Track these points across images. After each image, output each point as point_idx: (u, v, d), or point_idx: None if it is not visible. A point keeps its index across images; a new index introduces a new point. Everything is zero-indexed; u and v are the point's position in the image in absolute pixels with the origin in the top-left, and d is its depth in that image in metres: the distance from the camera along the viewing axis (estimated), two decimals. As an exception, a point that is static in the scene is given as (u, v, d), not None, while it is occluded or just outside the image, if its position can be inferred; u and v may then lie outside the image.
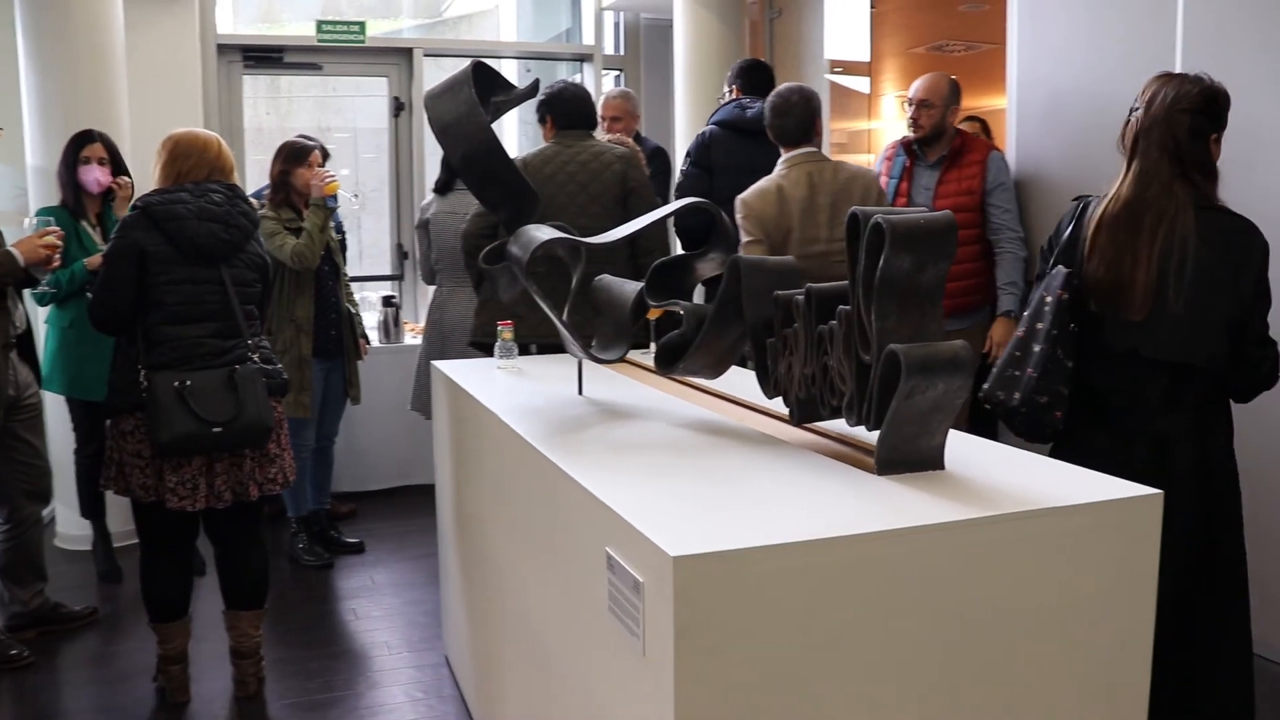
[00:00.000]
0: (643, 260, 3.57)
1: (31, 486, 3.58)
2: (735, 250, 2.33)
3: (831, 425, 2.06)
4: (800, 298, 1.92)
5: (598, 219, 3.50)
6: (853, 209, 1.75)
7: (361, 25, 6.01)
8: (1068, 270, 2.42)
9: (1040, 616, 1.59)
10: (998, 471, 1.78)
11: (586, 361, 2.59)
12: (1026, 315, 2.50)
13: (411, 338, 5.62)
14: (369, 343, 4.77)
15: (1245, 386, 2.45)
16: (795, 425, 2.09)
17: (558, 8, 7.35)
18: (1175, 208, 2.35)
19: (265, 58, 6.07)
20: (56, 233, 3.36)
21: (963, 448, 1.93)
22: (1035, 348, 2.43)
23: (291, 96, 7.04)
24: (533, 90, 2.62)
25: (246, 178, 5.61)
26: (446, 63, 6.40)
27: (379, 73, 6.28)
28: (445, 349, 4.68)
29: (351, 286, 4.72)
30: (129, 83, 4.65)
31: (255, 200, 3.56)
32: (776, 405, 2.14)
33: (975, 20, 6.71)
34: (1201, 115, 2.37)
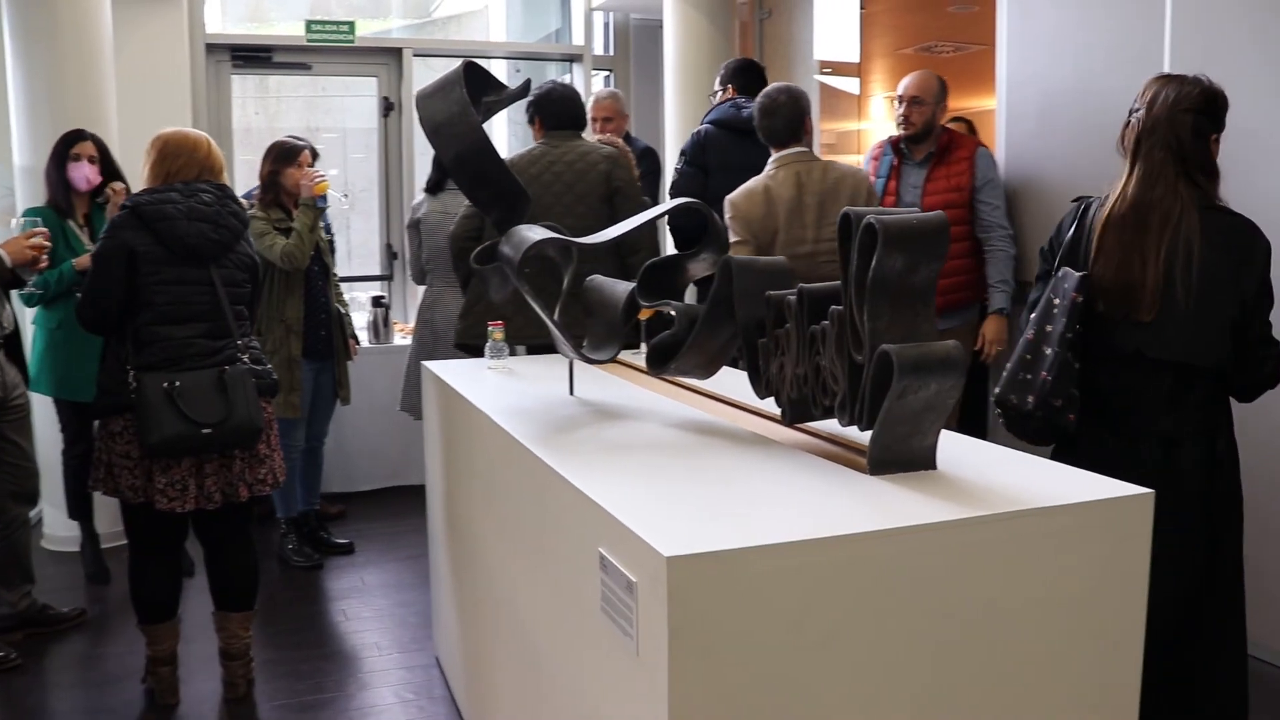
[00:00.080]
0: (629, 260, 3.57)
1: (19, 488, 3.57)
2: (727, 250, 2.33)
3: (823, 425, 2.06)
4: (792, 298, 1.93)
5: (583, 219, 3.50)
6: (845, 209, 1.76)
7: (351, 25, 6.00)
8: (1082, 273, 2.41)
9: (1032, 615, 1.60)
10: (990, 471, 1.79)
11: (577, 362, 2.59)
12: (1034, 318, 2.48)
13: (401, 338, 5.61)
14: (359, 343, 4.76)
15: (1248, 386, 2.46)
16: (787, 425, 2.10)
17: (547, 8, 7.35)
18: (1180, 208, 2.36)
19: (254, 57, 6.05)
20: (43, 233, 3.35)
21: (955, 448, 1.93)
22: (1047, 351, 2.42)
23: (280, 96, 7.03)
24: (524, 90, 2.62)
25: (235, 178, 5.59)
26: (436, 63, 6.39)
27: (368, 73, 6.27)
28: (435, 349, 4.67)
29: (341, 287, 4.71)
30: (117, 82, 4.63)
31: (245, 201, 3.56)
32: (768, 405, 2.14)
33: (964, 21, 6.73)
34: (1203, 115, 2.38)
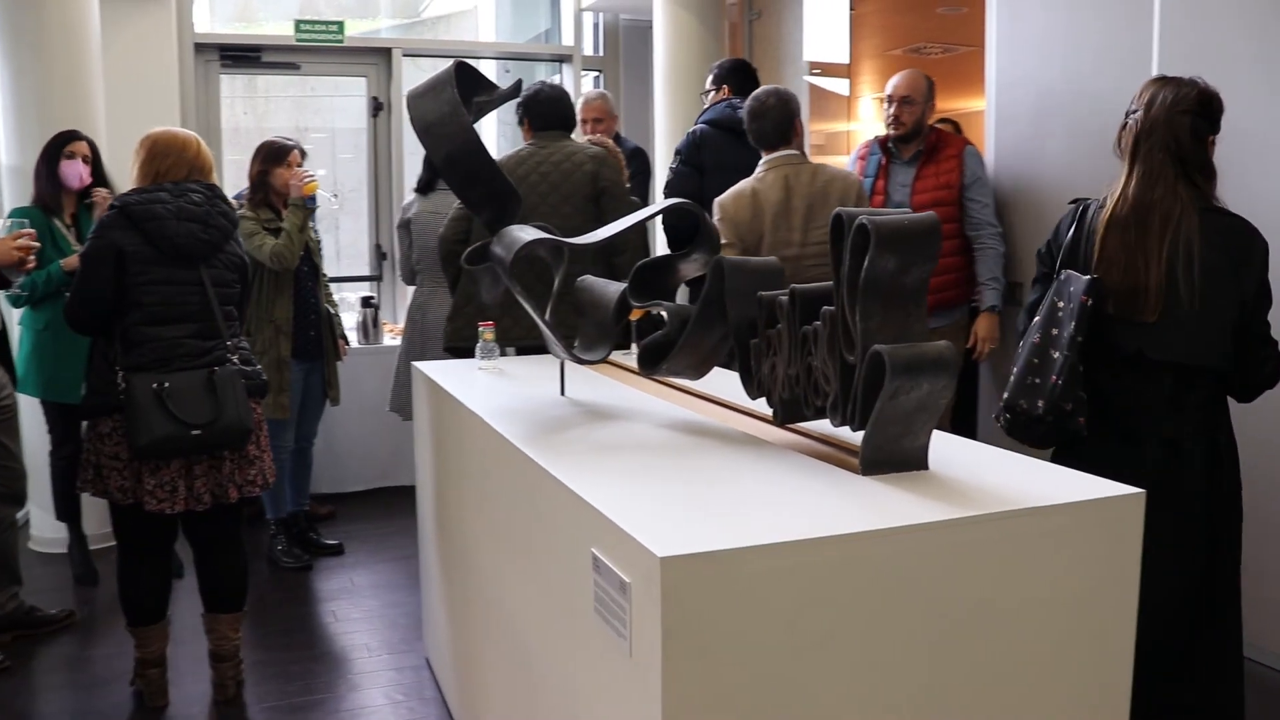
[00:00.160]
0: (615, 260, 3.57)
1: (6, 489, 3.55)
2: (719, 251, 2.33)
3: (814, 426, 2.06)
4: (784, 298, 1.93)
5: (569, 219, 3.50)
6: (837, 210, 1.76)
7: (340, 25, 5.99)
8: (1092, 277, 2.40)
9: (1024, 614, 1.60)
10: (981, 471, 1.79)
11: (568, 362, 2.59)
12: (1038, 321, 2.48)
13: (390, 339, 5.60)
14: (348, 343, 4.75)
15: (1248, 386, 2.47)
16: (778, 426, 2.10)
17: (537, 8, 7.34)
18: (1180, 209, 2.37)
19: (243, 57, 6.03)
20: (30, 234, 3.33)
21: (946, 448, 1.94)
22: (1055, 354, 2.42)
23: (269, 96, 7.01)
24: (515, 91, 2.61)
25: (224, 178, 5.58)
26: (425, 63, 6.38)
27: (358, 73, 6.25)
28: (425, 350, 4.66)
29: (330, 287, 4.69)
30: (105, 82, 4.61)
31: (235, 202, 3.54)
32: (760, 406, 2.15)
33: (953, 23, 6.76)
34: (1199, 117, 2.40)
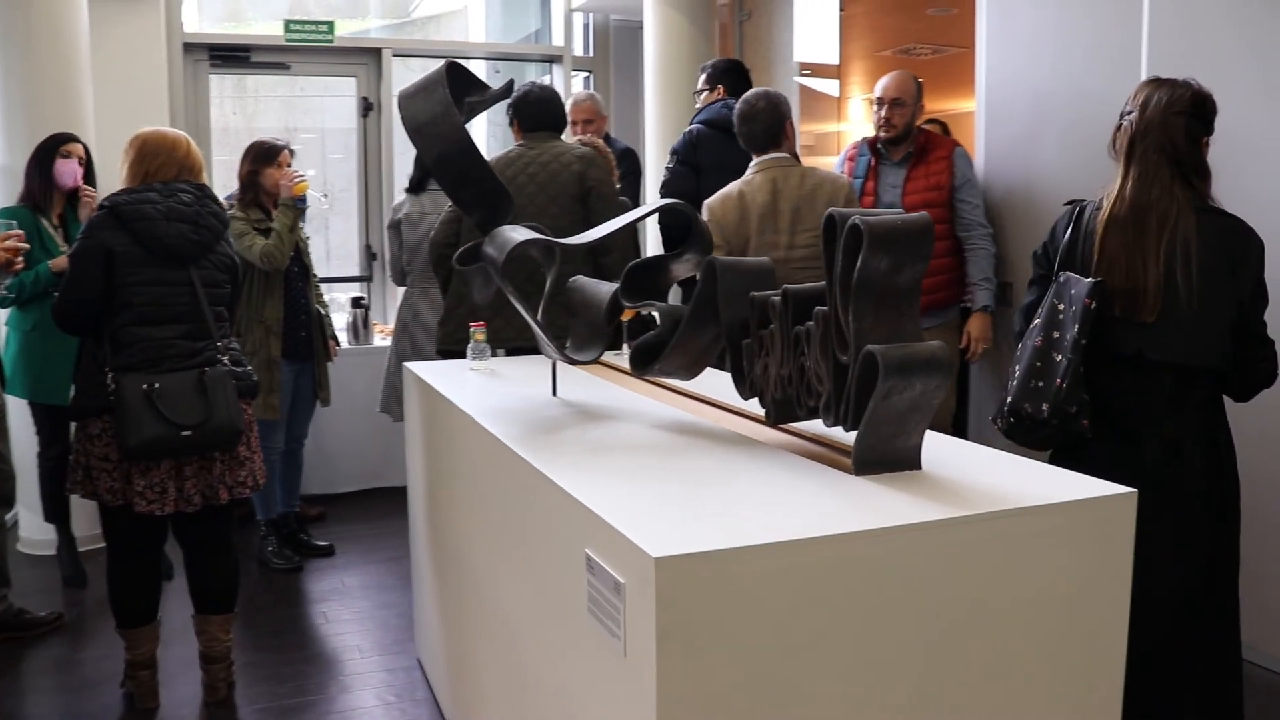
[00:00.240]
0: (603, 260, 3.57)
1: (-6, 490, 3.54)
2: (711, 251, 2.33)
3: (807, 426, 2.06)
4: (776, 299, 1.93)
5: (556, 220, 3.50)
6: (830, 210, 1.76)
7: (330, 25, 5.98)
8: (1095, 279, 2.41)
9: (1017, 614, 1.61)
10: (974, 471, 1.80)
11: (560, 363, 2.59)
12: (1039, 324, 2.49)
13: (381, 339, 5.59)
14: (339, 344, 4.74)
15: (1245, 386, 2.48)
16: (771, 426, 2.10)
17: (527, 8, 7.34)
18: (1177, 210, 2.38)
19: (232, 57, 6.02)
20: (19, 235, 3.32)
21: (939, 448, 1.94)
22: (1058, 357, 2.42)
23: (258, 96, 6.99)
24: (507, 91, 2.61)
25: (213, 178, 5.56)
26: (415, 63, 6.38)
27: (347, 73, 6.24)
28: (416, 350, 4.66)
29: (321, 288, 4.68)
30: (94, 82, 4.59)
31: (226, 202, 3.53)
32: (752, 406, 2.15)
33: (942, 24, 6.77)
34: (1194, 118, 2.41)
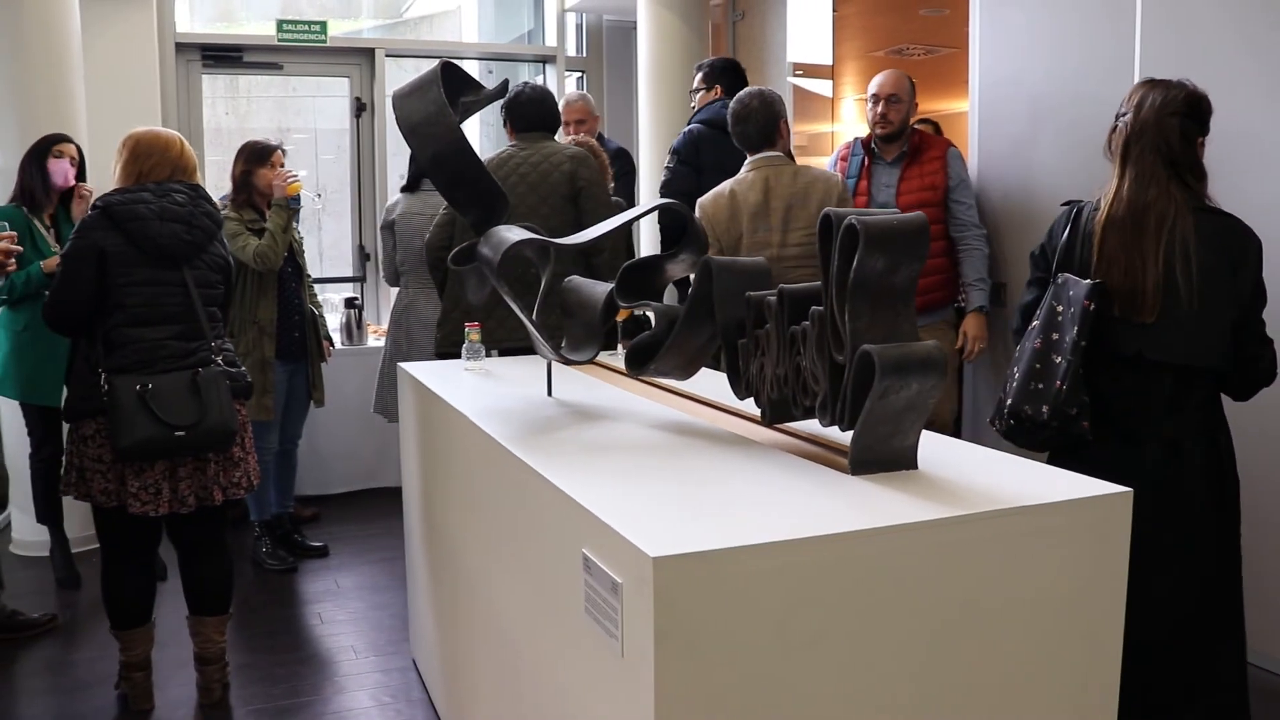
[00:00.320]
0: (594, 260, 3.57)
1: (-13, 492, 3.53)
2: (706, 251, 2.33)
3: (803, 426, 2.07)
4: (772, 299, 1.93)
5: (547, 220, 3.50)
6: (826, 210, 1.76)
7: (323, 25, 5.97)
8: (1095, 281, 2.42)
9: (1014, 613, 1.61)
10: (970, 471, 1.80)
11: (555, 363, 2.59)
12: (1037, 326, 2.49)
13: (374, 340, 5.58)
14: (333, 345, 4.73)
15: (1244, 385, 2.48)
16: (766, 426, 2.10)
17: (520, 9, 7.33)
18: (1175, 210, 2.39)
19: (225, 57, 6.01)
20: (11, 236, 3.31)
21: (935, 447, 1.94)
22: (1058, 359, 2.43)
23: (251, 97, 6.98)
24: (501, 91, 2.61)
25: (206, 178, 5.55)
26: (408, 63, 6.37)
27: (340, 73, 6.23)
28: (410, 351, 4.65)
29: (315, 288, 4.67)
30: (86, 82, 4.58)
31: (220, 202, 3.52)
32: (747, 406, 2.15)
33: (935, 25, 6.79)
34: (1188, 119, 2.42)
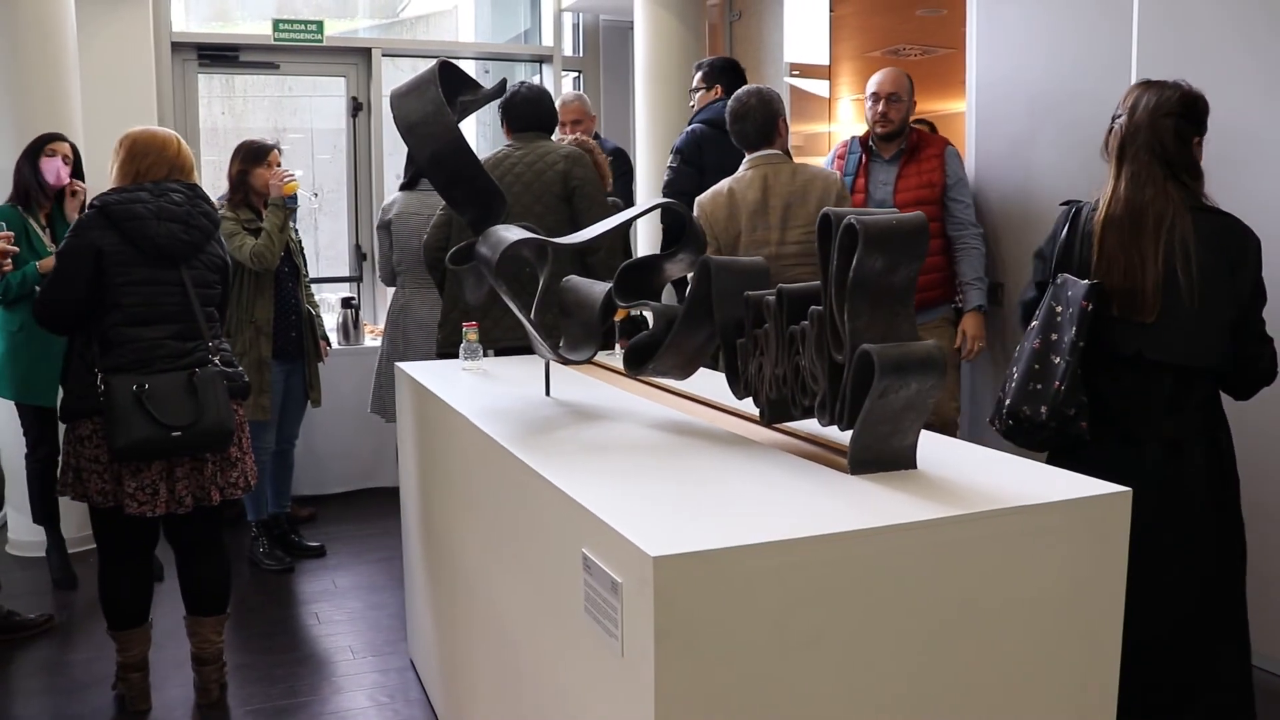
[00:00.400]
0: (589, 259, 3.56)
1: (-17, 492, 3.52)
2: (704, 251, 2.33)
3: (801, 426, 2.07)
4: (771, 298, 1.93)
5: (541, 219, 3.50)
6: (825, 209, 1.76)
7: (319, 25, 5.96)
8: (1093, 281, 2.42)
9: (1013, 613, 1.61)
10: (970, 470, 1.80)
11: (553, 363, 2.58)
12: (1036, 326, 2.49)
13: (371, 339, 5.58)
14: (330, 344, 4.72)
15: (1244, 384, 2.49)
16: (765, 426, 2.10)
17: (516, 8, 7.33)
18: (1173, 210, 2.39)
19: (221, 56, 6.00)
20: (7, 236, 3.30)
21: (934, 447, 1.94)
22: (1056, 360, 2.43)
23: (247, 96, 6.97)
24: (500, 90, 2.61)
25: (202, 178, 5.54)
26: (404, 63, 6.37)
27: (337, 73, 6.23)
28: (407, 351, 4.65)
29: (312, 288, 4.67)
30: (82, 82, 4.58)
31: (219, 202, 3.52)
32: (746, 406, 2.15)
33: (932, 25, 6.79)
34: (1183, 119, 2.43)
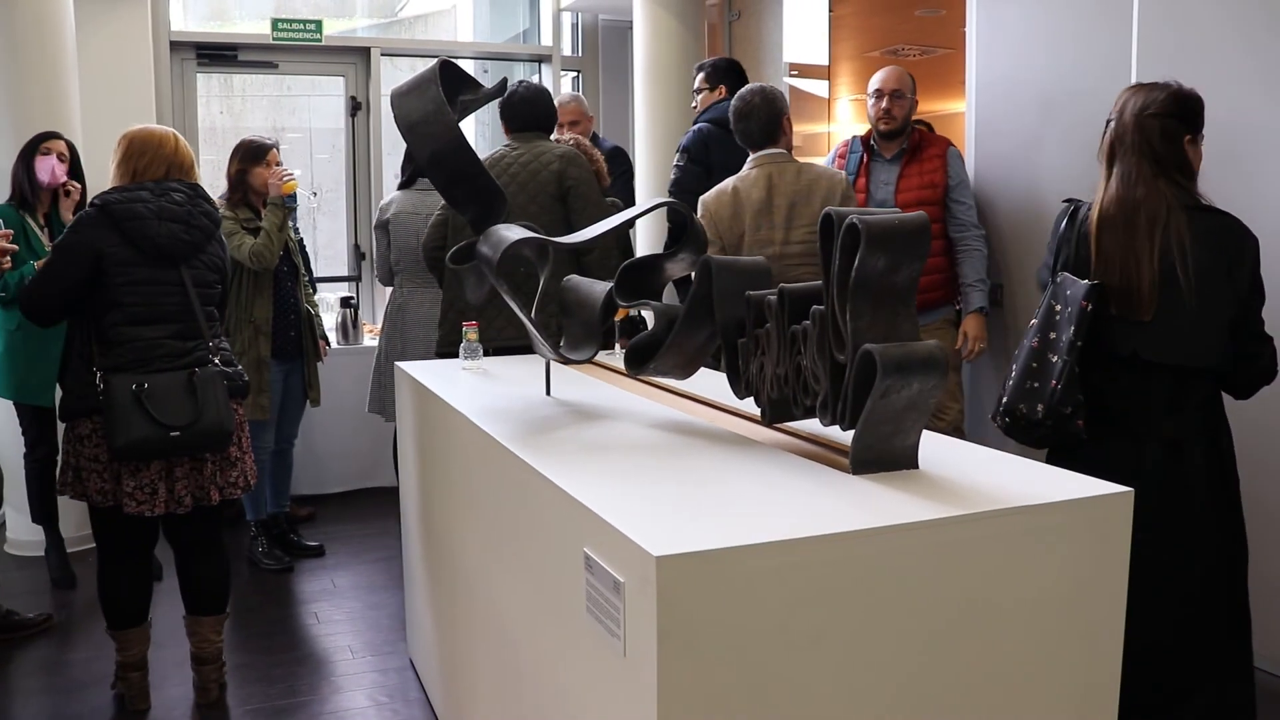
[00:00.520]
0: (584, 258, 3.56)
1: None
2: (706, 250, 2.33)
3: (803, 425, 2.07)
4: (773, 298, 1.93)
5: (536, 219, 3.49)
6: (827, 209, 1.76)
7: (318, 24, 5.96)
8: (1092, 282, 2.43)
9: (1014, 613, 1.61)
10: (971, 470, 1.80)
11: (553, 362, 2.58)
12: (1035, 325, 2.50)
13: (370, 339, 5.57)
14: (329, 344, 4.72)
15: (1244, 383, 2.49)
16: (766, 425, 2.10)
17: (515, 8, 7.33)
18: (1166, 208, 2.39)
19: (219, 56, 6.00)
20: (6, 235, 3.30)
21: (936, 447, 1.94)
22: (1054, 358, 2.43)
23: (245, 96, 6.97)
24: (500, 89, 2.61)
25: (201, 177, 5.54)
26: (403, 62, 6.37)
27: (336, 72, 6.22)
28: (405, 350, 4.64)
29: (314, 287, 4.66)
30: (80, 81, 4.57)
31: (219, 201, 3.52)
32: (747, 406, 2.15)
33: (931, 25, 6.80)
34: (1171, 118, 2.44)
